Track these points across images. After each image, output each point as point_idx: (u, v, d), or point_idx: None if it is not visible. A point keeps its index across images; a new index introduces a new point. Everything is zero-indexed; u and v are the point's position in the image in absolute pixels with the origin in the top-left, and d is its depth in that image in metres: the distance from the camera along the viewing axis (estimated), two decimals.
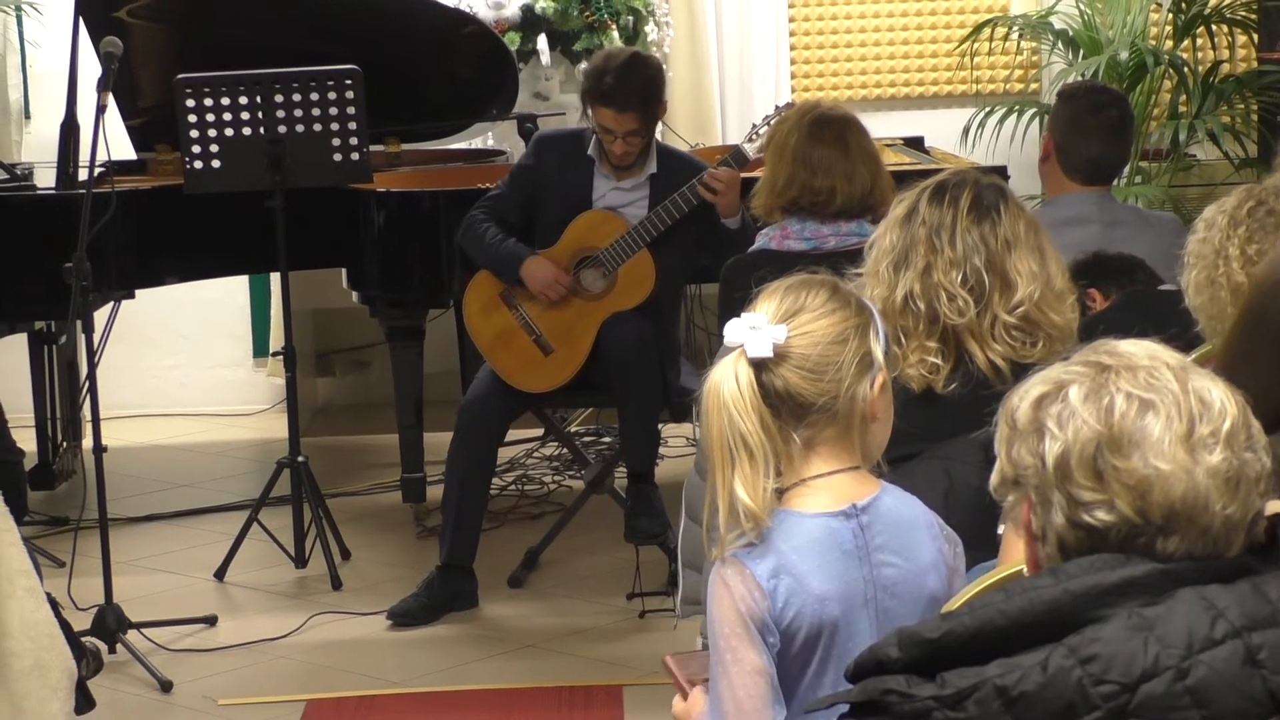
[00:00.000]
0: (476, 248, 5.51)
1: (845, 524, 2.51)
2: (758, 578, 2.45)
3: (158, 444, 7.44)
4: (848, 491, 2.54)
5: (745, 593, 2.45)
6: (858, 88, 7.96)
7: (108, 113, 5.21)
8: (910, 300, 3.08)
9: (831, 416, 2.51)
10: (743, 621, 2.44)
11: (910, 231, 3.12)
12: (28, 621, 3.54)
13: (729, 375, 2.47)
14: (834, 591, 2.48)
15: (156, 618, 5.24)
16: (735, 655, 2.44)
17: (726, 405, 2.46)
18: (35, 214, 6.01)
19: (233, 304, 7.84)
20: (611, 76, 5.31)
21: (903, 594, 2.54)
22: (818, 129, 4.44)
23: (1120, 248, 4.17)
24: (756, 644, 2.44)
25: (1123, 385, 1.87)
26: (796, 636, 2.47)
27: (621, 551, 5.62)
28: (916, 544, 2.58)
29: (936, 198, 3.15)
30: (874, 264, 3.12)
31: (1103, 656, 1.77)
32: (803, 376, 2.49)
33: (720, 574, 2.48)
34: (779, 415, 2.50)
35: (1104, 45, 7.28)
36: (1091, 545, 1.85)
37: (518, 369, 5.48)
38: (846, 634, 2.49)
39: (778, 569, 2.46)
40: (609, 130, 5.34)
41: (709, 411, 2.47)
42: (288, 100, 5.62)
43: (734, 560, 2.48)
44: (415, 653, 5.15)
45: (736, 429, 2.45)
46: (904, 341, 3.08)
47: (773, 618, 2.45)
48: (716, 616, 2.47)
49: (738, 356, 2.49)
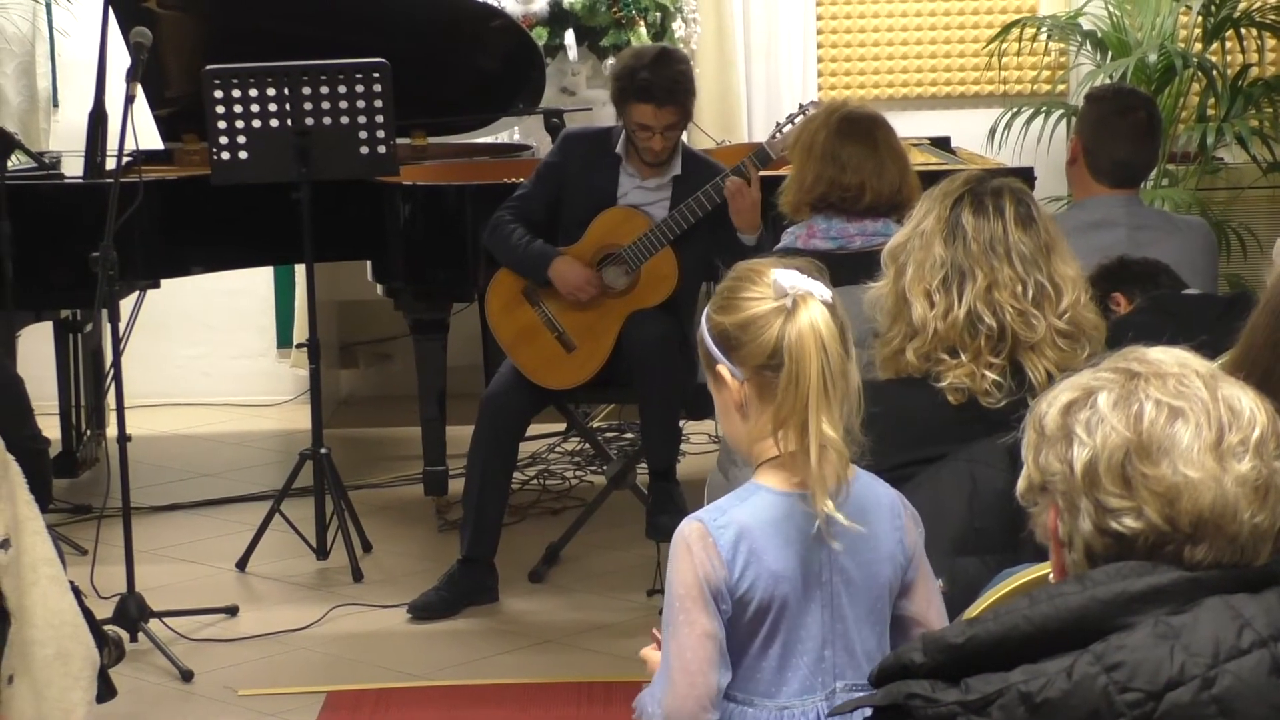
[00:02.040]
0: (503, 249, 5.51)
1: (802, 505, 2.56)
2: (719, 546, 2.52)
3: (180, 433, 7.46)
4: None
5: (705, 559, 2.52)
6: (884, 87, 7.95)
7: (135, 102, 5.22)
8: (974, 318, 3.07)
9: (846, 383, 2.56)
10: (699, 585, 2.51)
11: (961, 247, 3.11)
12: (51, 610, 3.55)
13: (818, 317, 2.51)
14: (789, 570, 2.55)
15: (178, 607, 5.25)
16: (688, 617, 2.51)
17: (826, 344, 2.50)
18: (63, 202, 6.03)
19: (257, 295, 7.85)
20: (647, 72, 5.31)
21: (856, 582, 2.60)
22: (846, 126, 4.43)
23: (1147, 251, 4.16)
24: (709, 609, 2.51)
25: (1152, 393, 1.86)
26: (748, 607, 2.54)
27: (642, 548, 5.61)
28: (878, 533, 2.62)
29: (979, 208, 3.13)
30: (917, 282, 3.10)
31: (1128, 664, 1.76)
32: (842, 331, 2.56)
33: (684, 537, 2.54)
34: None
35: (1133, 47, 7.25)
36: (1119, 552, 1.84)
37: (540, 366, 5.48)
38: (796, 612, 2.57)
39: (739, 539, 2.53)
40: (647, 127, 5.34)
41: (807, 354, 2.49)
42: (315, 92, 5.62)
43: (699, 525, 2.55)
44: (435, 646, 5.16)
45: (834, 368, 2.50)
46: (953, 357, 3.07)
47: (728, 587, 2.52)
48: (674, 579, 2.54)
49: (811, 300, 2.52)
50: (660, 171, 5.46)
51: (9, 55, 7.58)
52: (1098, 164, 4.50)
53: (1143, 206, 4.61)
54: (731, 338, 2.59)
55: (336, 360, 7.78)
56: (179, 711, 4.74)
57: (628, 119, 5.38)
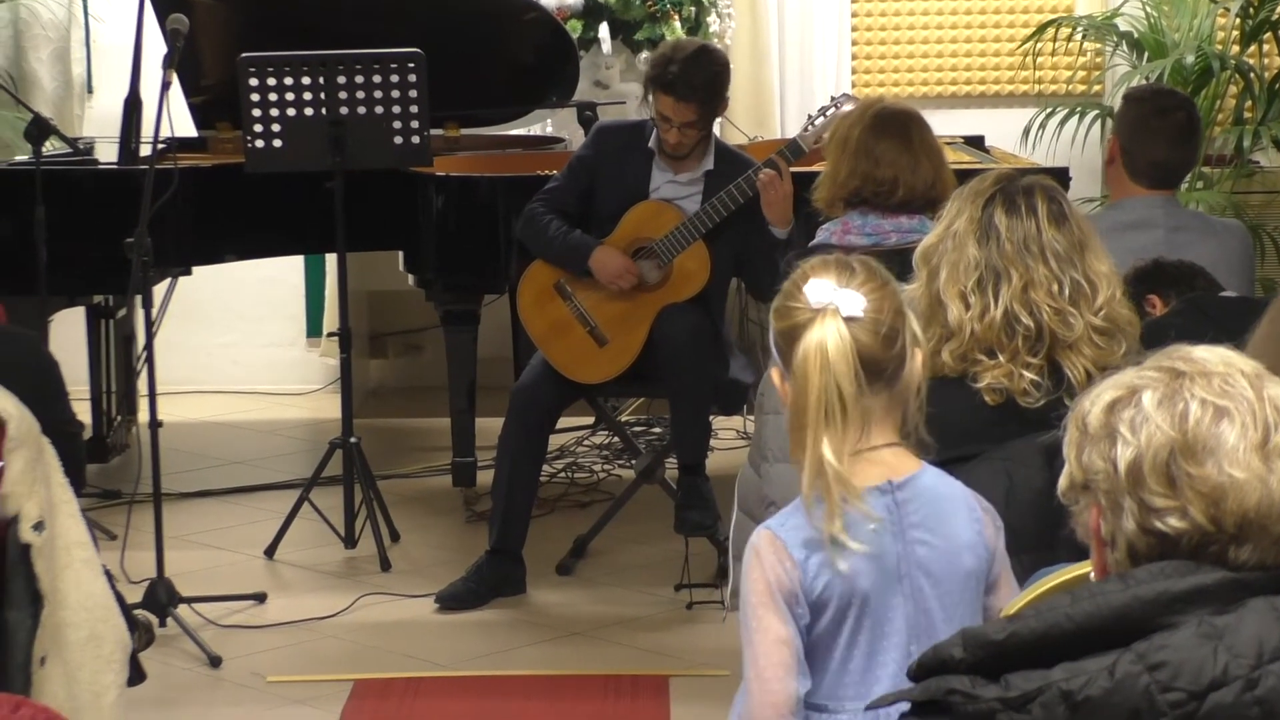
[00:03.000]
0: (539, 241, 5.51)
1: (880, 499, 2.54)
2: (790, 549, 2.49)
3: (210, 420, 7.47)
4: (889, 466, 2.57)
5: (775, 563, 2.49)
6: (919, 85, 7.93)
7: (170, 89, 5.23)
8: (1011, 319, 3.06)
9: (889, 386, 2.55)
10: (770, 592, 2.49)
11: (995, 247, 3.10)
12: (85, 593, 3.56)
13: (831, 333, 2.48)
14: (865, 566, 2.51)
15: (206, 593, 5.26)
16: (760, 623, 2.49)
17: (832, 363, 2.46)
18: (97, 188, 6.05)
19: (288, 284, 7.86)
20: (677, 66, 5.30)
21: (937, 572, 2.57)
22: (881, 122, 4.42)
23: (1184, 253, 4.15)
24: (782, 614, 2.49)
25: (1197, 392, 1.85)
26: (827, 608, 2.51)
27: (670, 542, 5.61)
28: (954, 523, 2.60)
29: (1010, 207, 3.12)
30: (951, 284, 3.09)
31: (1171, 664, 1.76)
32: (877, 341, 2.52)
33: (754, 546, 2.52)
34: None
35: (1169, 48, 7.23)
36: (1162, 552, 1.84)
37: (572, 360, 5.49)
38: (879, 608, 2.53)
39: (811, 540, 2.49)
40: (666, 118, 5.34)
41: (810, 370, 2.47)
42: (350, 82, 5.63)
43: (768, 532, 2.52)
44: (463, 636, 5.16)
45: (836, 388, 2.46)
46: (990, 358, 3.06)
47: (803, 589, 2.50)
48: (746, 586, 2.52)
49: (831, 315, 2.49)
50: (691, 166, 5.46)
51: (44, 41, 7.60)
52: (1135, 165, 4.48)
53: (1180, 208, 4.58)
54: (780, 345, 2.58)
55: (366, 350, 7.79)
56: (207, 697, 4.75)
57: (653, 107, 5.38)
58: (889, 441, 2.57)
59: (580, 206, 5.52)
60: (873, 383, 2.51)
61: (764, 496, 3.80)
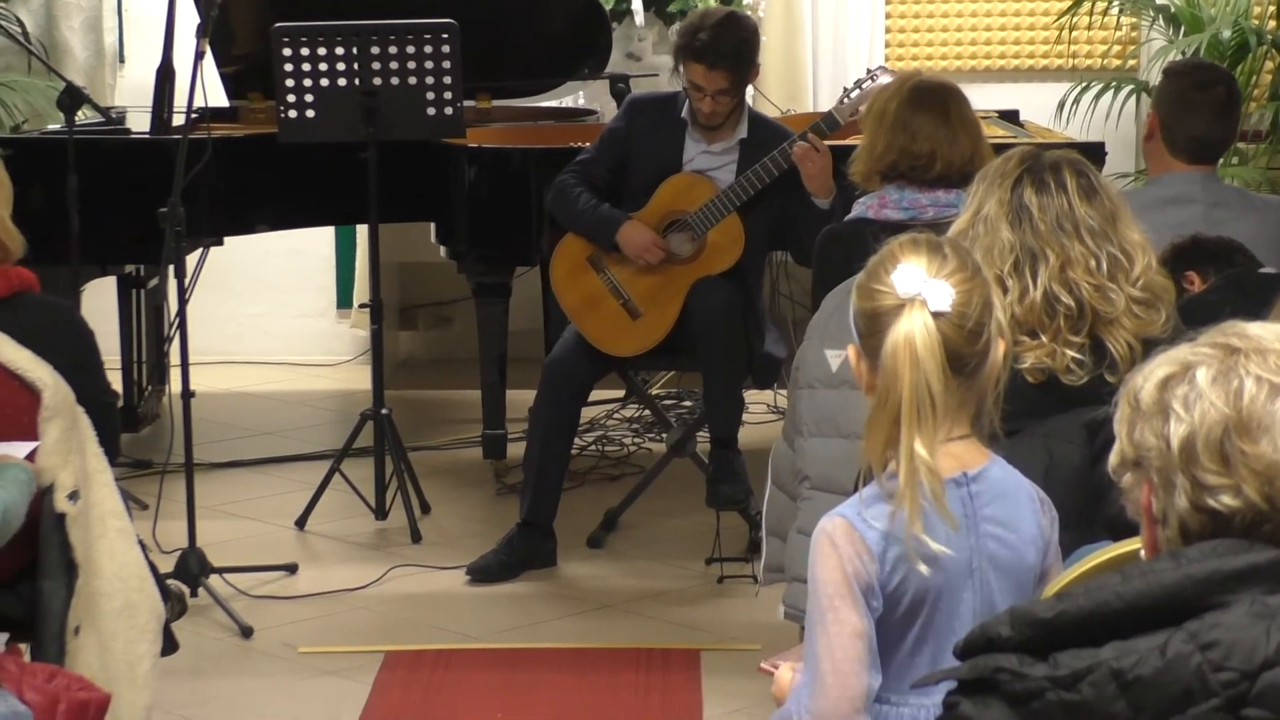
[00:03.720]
0: (569, 213, 5.50)
1: (955, 491, 2.49)
2: (868, 541, 2.44)
3: (240, 391, 7.48)
4: (962, 459, 2.52)
5: (853, 554, 2.44)
6: (953, 58, 7.89)
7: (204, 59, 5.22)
8: (1051, 299, 3.04)
9: (970, 379, 2.49)
10: (848, 583, 2.44)
11: (1029, 228, 3.07)
12: (119, 562, 3.56)
13: (919, 328, 2.42)
14: (941, 559, 2.46)
15: (238, 563, 5.26)
16: (837, 615, 2.44)
17: (922, 360, 2.41)
18: (129, 158, 6.05)
19: (318, 254, 7.86)
20: (706, 34, 5.29)
21: (1005, 566, 2.53)
22: (918, 96, 4.39)
23: (1223, 229, 4.12)
24: (859, 606, 2.44)
25: (1252, 369, 1.83)
26: (901, 602, 2.47)
27: (701, 516, 5.60)
28: (1020, 516, 2.56)
29: (1040, 185, 3.10)
30: (986, 267, 2.99)
31: (1223, 643, 1.74)
32: (962, 336, 2.47)
33: (828, 534, 2.47)
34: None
35: (1206, 23, 7.18)
36: (1215, 530, 1.82)
37: (605, 333, 5.47)
38: (949, 603, 2.49)
39: (888, 532, 2.45)
40: (699, 87, 5.32)
41: (900, 368, 2.41)
42: (384, 52, 5.61)
43: (844, 521, 2.47)
44: (493, 609, 5.16)
45: (927, 385, 2.41)
46: (1033, 339, 3.04)
47: (879, 582, 2.45)
48: (820, 576, 2.46)
49: (919, 308, 2.44)
50: (724, 135, 5.44)
51: (76, 10, 7.59)
52: (1175, 139, 4.45)
53: (1220, 183, 4.55)
54: (861, 325, 2.53)
55: (396, 322, 7.79)
56: (239, 667, 4.75)
57: (684, 77, 5.36)
58: (964, 433, 2.52)
59: (612, 179, 5.50)
60: (954, 376, 2.46)
61: (798, 471, 3.79)
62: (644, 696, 4.60)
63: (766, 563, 3.98)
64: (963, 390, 2.49)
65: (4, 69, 7.47)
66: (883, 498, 2.46)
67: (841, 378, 3.72)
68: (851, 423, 3.65)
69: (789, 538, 3.80)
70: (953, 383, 2.45)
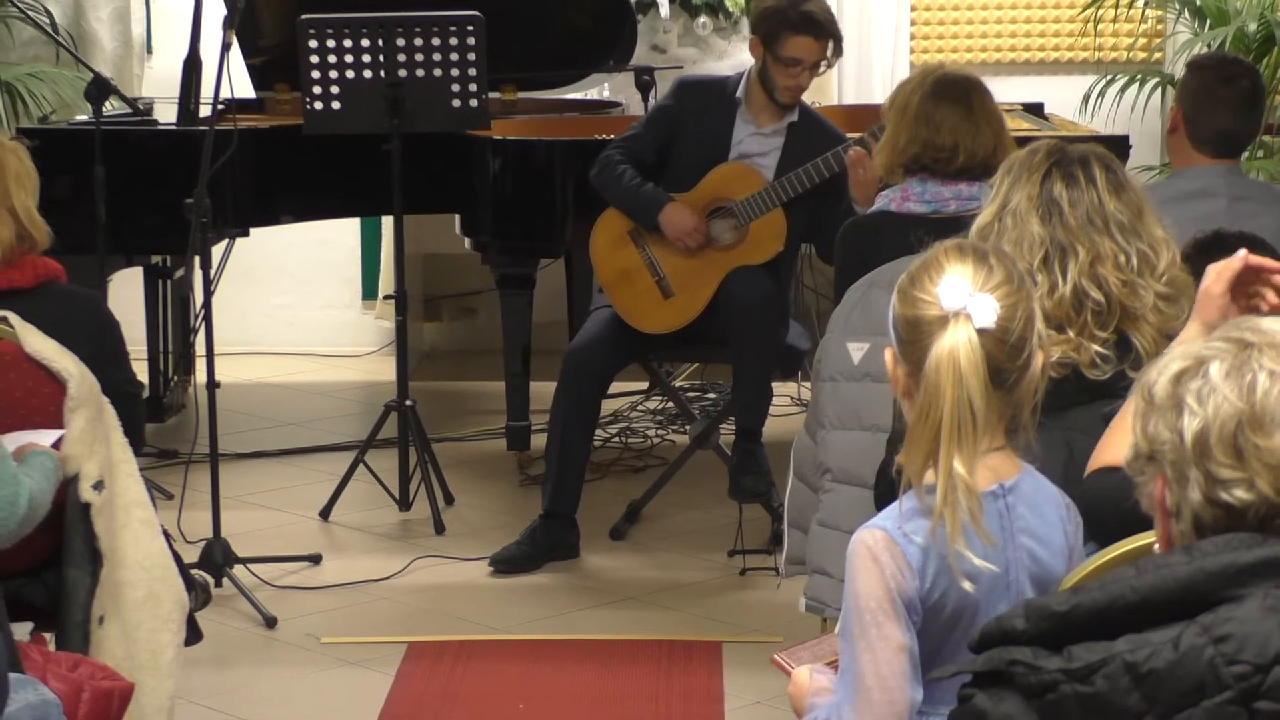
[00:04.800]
0: (613, 189, 5.51)
1: (993, 504, 2.48)
2: (908, 555, 2.42)
3: (265, 382, 7.50)
4: (998, 471, 2.50)
5: (895, 569, 2.42)
6: (978, 51, 7.88)
7: (230, 50, 5.24)
8: (1080, 294, 3.04)
9: (1009, 392, 2.47)
10: (890, 597, 2.41)
11: (1059, 222, 3.07)
12: (143, 552, 3.59)
13: (964, 343, 2.39)
14: (981, 573, 2.44)
15: (262, 554, 5.29)
16: (881, 631, 2.41)
17: (965, 377, 2.38)
18: (156, 149, 6.07)
19: (343, 245, 7.88)
20: (818, 6, 5.36)
21: (1037, 577, 2.51)
22: (941, 88, 4.39)
23: (1247, 223, 4.10)
24: (903, 621, 2.42)
25: (1266, 363, 1.84)
26: (940, 616, 2.45)
27: (723, 508, 5.62)
28: (1051, 527, 2.54)
29: (1070, 180, 3.10)
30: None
31: (1236, 636, 1.75)
32: (1005, 351, 2.44)
33: (869, 548, 2.43)
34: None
35: (1231, 16, 7.16)
36: (1228, 524, 1.83)
37: (635, 307, 5.49)
38: (986, 616, 2.42)
39: (928, 548, 2.42)
40: (798, 60, 5.33)
41: (943, 384, 2.38)
42: (409, 44, 5.63)
43: (884, 534, 2.44)
44: (516, 600, 5.18)
45: (969, 402, 2.38)
46: (1060, 333, 3.03)
47: (919, 596, 2.43)
48: (862, 591, 2.43)
49: (964, 322, 2.41)
50: (776, 117, 5.45)
51: (104, 1, 7.63)
52: (1199, 133, 4.44)
53: (1244, 177, 4.54)
54: (900, 330, 2.50)
55: (421, 313, 7.81)
56: (263, 657, 4.77)
57: (778, 53, 5.34)
58: (1000, 445, 2.50)
59: (657, 158, 5.52)
60: (994, 390, 2.43)
61: (820, 463, 3.79)
62: (666, 688, 4.62)
63: (788, 555, 3.99)
64: (1002, 403, 2.46)
65: (32, 60, 7.50)
66: (922, 512, 2.44)
67: (863, 370, 3.72)
68: (873, 415, 3.65)
69: (810, 530, 3.81)
70: (993, 397, 2.43)
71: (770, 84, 5.40)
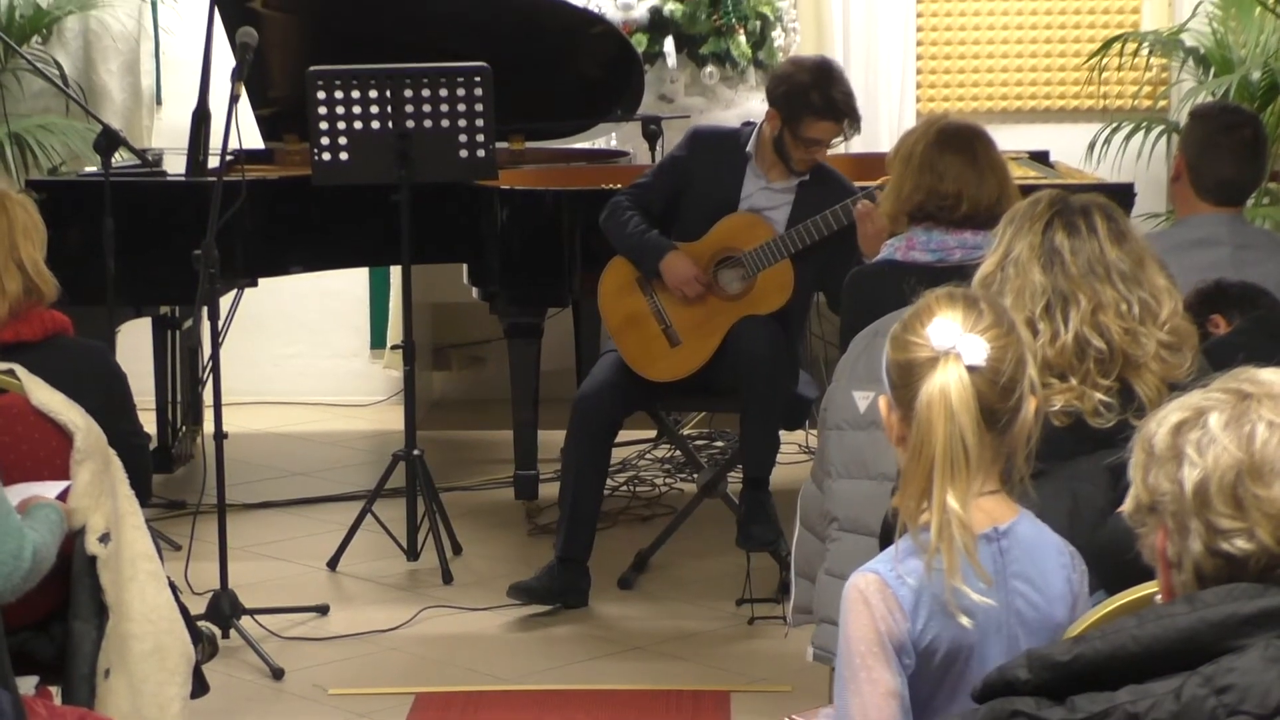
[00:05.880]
0: (619, 234, 5.54)
1: (987, 547, 2.48)
2: (900, 597, 2.43)
3: (274, 432, 7.51)
4: (992, 514, 2.51)
5: (886, 612, 2.43)
6: (984, 99, 7.91)
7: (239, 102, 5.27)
8: (1082, 342, 3.04)
9: (1001, 434, 2.49)
10: (880, 641, 2.42)
11: (1060, 271, 3.08)
12: (149, 605, 3.59)
13: (954, 381, 2.42)
14: (975, 614, 2.44)
15: (269, 605, 5.29)
16: (870, 675, 2.42)
17: (956, 413, 2.41)
18: (165, 199, 6.10)
19: (352, 295, 7.90)
20: (840, 90, 5.37)
21: (1032, 623, 2.51)
22: (945, 138, 4.41)
23: (1250, 271, 4.12)
24: (892, 664, 2.42)
25: (1264, 413, 1.85)
26: (934, 658, 2.45)
27: (732, 557, 5.61)
28: (1049, 573, 2.54)
29: (1071, 229, 3.11)
30: (1017, 310, 3.01)
31: (1238, 687, 1.75)
32: (995, 391, 2.47)
33: (860, 590, 2.45)
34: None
35: (1236, 64, 7.19)
36: (1229, 574, 1.83)
37: (642, 354, 5.50)
38: (980, 660, 2.46)
39: (921, 589, 2.43)
40: (817, 141, 5.37)
41: (934, 420, 2.41)
42: (417, 95, 5.66)
43: (876, 577, 2.45)
44: (524, 651, 5.17)
45: (961, 439, 2.40)
46: (1062, 381, 3.03)
47: (911, 639, 2.43)
48: (852, 634, 2.44)
49: (954, 361, 2.44)
50: (789, 175, 5.48)
51: (114, 52, 7.67)
52: (1202, 181, 4.45)
53: (1247, 225, 4.55)
54: (893, 375, 2.52)
55: (429, 362, 7.82)
56: (270, 709, 4.76)
57: (798, 132, 5.36)
58: (992, 488, 2.51)
59: (665, 207, 5.54)
60: (987, 431, 2.46)
61: (826, 512, 3.79)
62: None
63: (795, 604, 3.99)
64: (994, 445, 2.48)
65: (42, 111, 7.54)
66: (916, 553, 2.45)
67: (870, 419, 3.72)
68: (880, 464, 3.65)
69: (818, 579, 3.81)
70: (985, 437, 2.45)
71: (784, 154, 5.42)
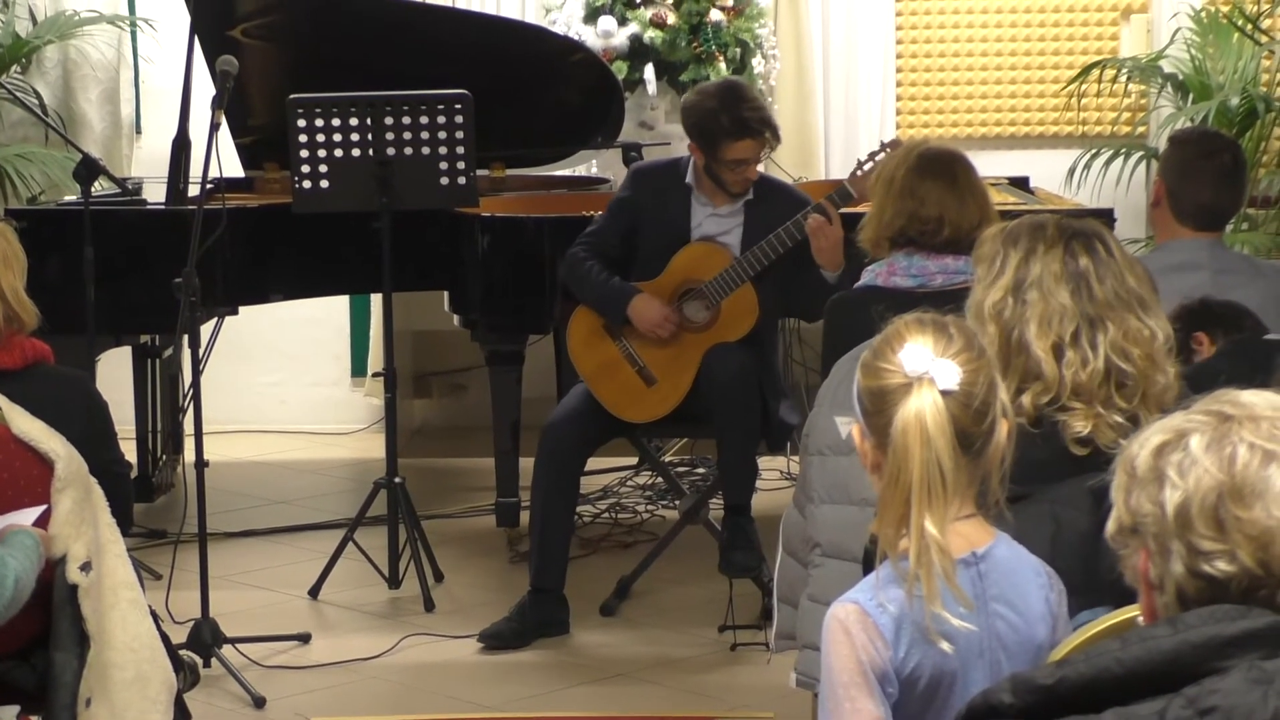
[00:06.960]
0: (581, 286, 5.54)
1: (965, 572, 2.48)
2: (880, 627, 2.42)
3: (255, 460, 7.50)
4: (970, 538, 2.51)
5: (867, 641, 2.42)
6: (963, 125, 7.94)
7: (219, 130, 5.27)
8: (1111, 367, 3.01)
9: (975, 459, 2.49)
10: (862, 670, 2.42)
11: (1088, 296, 3.05)
12: (131, 634, 3.58)
13: (929, 406, 2.42)
14: (955, 641, 2.44)
15: (251, 633, 5.27)
16: (854, 705, 2.41)
17: (933, 438, 2.41)
18: (145, 228, 6.09)
19: (333, 323, 7.90)
20: (748, 108, 5.36)
21: (1012, 646, 2.51)
22: (926, 163, 4.42)
23: (1230, 295, 4.12)
24: (875, 694, 2.42)
25: (1245, 435, 1.85)
26: (917, 685, 2.44)
27: (714, 583, 5.60)
28: (1028, 594, 2.55)
29: (1091, 252, 3.08)
30: (1041, 337, 3.00)
31: (1222, 709, 1.75)
32: (969, 415, 2.47)
33: (840, 621, 2.44)
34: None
35: (1214, 90, 7.22)
36: (1212, 595, 1.83)
37: (621, 399, 5.50)
38: (963, 685, 2.46)
39: (902, 617, 2.43)
40: (741, 161, 5.36)
41: (910, 445, 2.41)
42: (397, 123, 5.66)
43: (856, 607, 2.45)
44: (507, 677, 5.16)
45: (938, 463, 2.40)
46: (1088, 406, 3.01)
47: (894, 667, 2.43)
48: (835, 665, 2.43)
49: (927, 386, 2.44)
50: (732, 199, 5.48)
51: (94, 81, 7.67)
52: (1181, 207, 4.47)
53: (1226, 250, 4.56)
54: (865, 402, 2.52)
55: (411, 390, 7.81)
56: None
57: (720, 157, 5.37)
58: (970, 513, 2.51)
59: (623, 248, 5.54)
60: (961, 454, 2.45)
61: (808, 538, 3.79)
62: None
63: (778, 630, 3.98)
64: (969, 469, 2.48)
65: (21, 140, 7.54)
66: (897, 580, 2.44)
67: (851, 444, 3.70)
68: (862, 489, 3.65)
69: (800, 605, 3.80)
70: (961, 461, 2.45)
71: (717, 179, 5.43)
